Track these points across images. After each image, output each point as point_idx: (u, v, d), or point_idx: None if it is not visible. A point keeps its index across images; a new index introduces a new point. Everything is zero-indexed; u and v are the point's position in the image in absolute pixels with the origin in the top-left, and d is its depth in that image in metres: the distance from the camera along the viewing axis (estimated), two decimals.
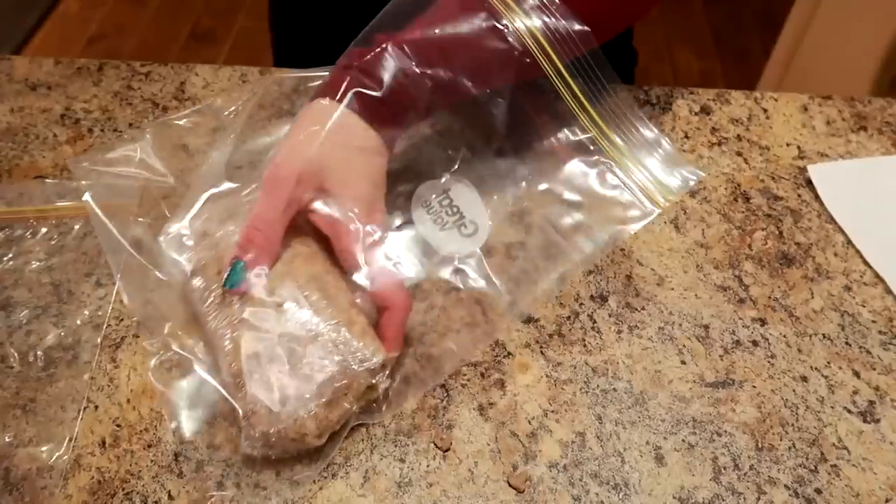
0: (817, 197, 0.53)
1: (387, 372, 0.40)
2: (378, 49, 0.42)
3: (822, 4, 1.24)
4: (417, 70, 0.42)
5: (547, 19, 0.44)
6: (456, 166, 0.48)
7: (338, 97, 0.42)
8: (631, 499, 0.39)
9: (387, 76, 0.42)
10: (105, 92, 0.60)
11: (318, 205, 0.41)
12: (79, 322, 0.45)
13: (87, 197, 0.47)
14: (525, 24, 0.44)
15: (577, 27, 0.44)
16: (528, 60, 0.44)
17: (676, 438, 0.41)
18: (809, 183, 0.54)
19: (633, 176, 0.47)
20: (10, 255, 0.48)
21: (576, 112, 0.47)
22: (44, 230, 0.49)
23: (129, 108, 0.59)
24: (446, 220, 0.46)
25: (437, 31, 0.43)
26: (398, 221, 0.47)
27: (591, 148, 0.48)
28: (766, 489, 0.39)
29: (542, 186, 0.49)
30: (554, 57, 0.45)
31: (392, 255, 0.43)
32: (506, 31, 0.44)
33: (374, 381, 0.39)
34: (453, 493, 0.39)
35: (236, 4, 1.94)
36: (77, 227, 0.50)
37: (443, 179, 0.48)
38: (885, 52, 1.15)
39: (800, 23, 1.29)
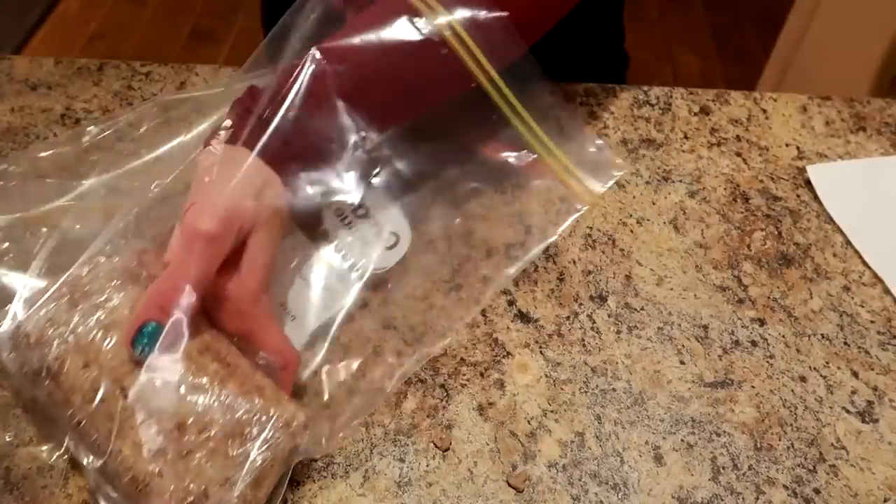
0: (816, 197, 0.54)
1: (308, 431, 0.37)
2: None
3: (821, 5, 1.24)
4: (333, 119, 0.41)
5: (468, 13, 0.42)
6: (378, 169, 0.46)
7: (259, 150, 0.39)
8: (630, 499, 0.39)
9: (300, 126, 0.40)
10: (105, 92, 0.61)
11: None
12: None
13: None
14: (447, 20, 0.42)
15: (499, 19, 0.42)
16: (453, 62, 0.42)
17: (675, 438, 0.41)
18: (808, 183, 0.54)
19: (562, 173, 0.46)
20: (12, 255, 0.48)
21: (504, 109, 0.45)
22: (44, 230, 0.49)
23: (130, 109, 0.59)
24: (367, 234, 0.45)
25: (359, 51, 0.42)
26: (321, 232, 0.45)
27: (520, 145, 0.47)
28: (764, 489, 0.39)
29: (472, 185, 0.48)
30: (478, 54, 0.43)
31: (286, 309, 0.43)
32: (427, 30, 0.42)
33: (297, 442, 0.37)
34: (453, 493, 0.39)
35: (236, 4, 1.94)
36: (77, 227, 0.49)
37: (358, 190, 0.46)
38: (885, 53, 1.15)
39: (799, 23, 1.29)
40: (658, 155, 0.56)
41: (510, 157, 0.48)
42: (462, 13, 0.42)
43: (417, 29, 0.42)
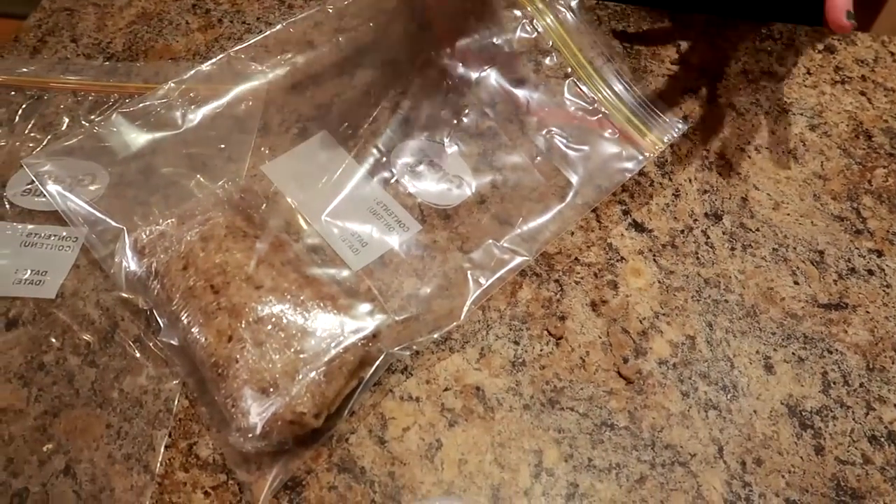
0: None
1: (378, 344, 0.39)
2: None
3: None
4: None
5: None
6: (467, 111, 0.50)
7: None
8: (738, 400, 0.40)
9: None
10: None
11: None
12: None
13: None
14: None
15: None
16: None
17: (787, 351, 0.42)
18: None
19: (626, 125, 0.49)
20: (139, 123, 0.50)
21: (573, 66, 0.49)
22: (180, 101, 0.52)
23: (257, 4, 0.61)
24: (432, 177, 0.48)
25: None
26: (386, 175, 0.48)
27: (590, 98, 0.50)
28: (875, 406, 0.40)
29: (540, 134, 0.50)
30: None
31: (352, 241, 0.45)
32: None
33: (366, 349, 0.38)
34: (565, 377, 0.41)
35: None
36: (217, 101, 0.52)
37: (418, 139, 0.49)
38: None
39: None
40: (779, 87, 0.56)
41: (581, 109, 0.50)
42: None
43: None
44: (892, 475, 0.38)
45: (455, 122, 0.51)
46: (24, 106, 0.52)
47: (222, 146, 0.49)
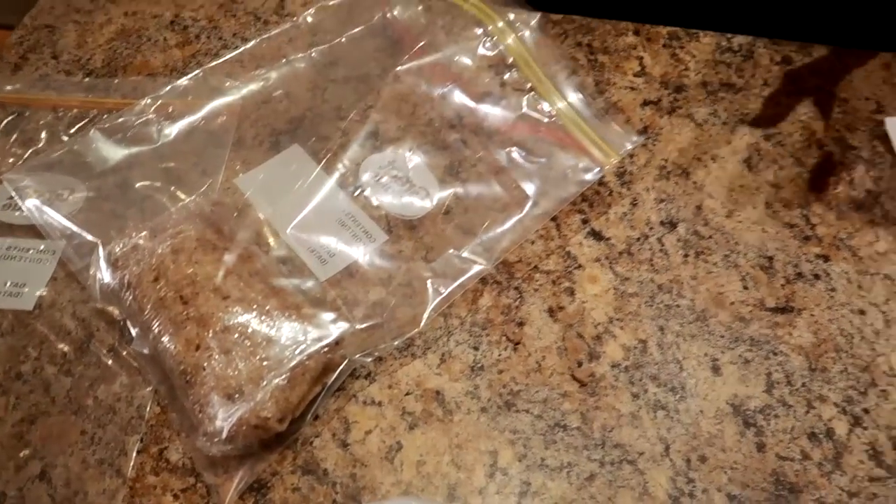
0: (891, 150, 0.54)
1: (341, 351, 0.41)
2: None
3: None
4: None
5: None
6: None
7: None
8: (686, 401, 0.42)
9: None
10: (211, 3, 0.64)
11: None
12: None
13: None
14: None
15: None
16: None
17: (733, 353, 0.44)
18: (886, 136, 0.55)
19: (582, 137, 0.51)
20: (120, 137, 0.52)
21: (533, 81, 0.51)
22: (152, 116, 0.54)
23: (234, 20, 0.63)
24: (398, 189, 0.50)
25: None
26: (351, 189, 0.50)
27: (547, 111, 0.52)
28: (815, 405, 0.42)
29: (502, 148, 0.52)
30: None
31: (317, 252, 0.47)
32: None
33: (329, 357, 0.40)
34: (521, 381, 0.42)
35: None
36: (193, 116, 0.54)
37: (386, 152, 0.52)
38: None
39: None
40: (737, 98, 0.58)
41: (537, 122, 0.53)
42: None
43: None
44: (829, 469, 0.40)
45: (422, 134, 0.52)
46: (4, 122, 0.54)
47: (197, 160, 0.51)
